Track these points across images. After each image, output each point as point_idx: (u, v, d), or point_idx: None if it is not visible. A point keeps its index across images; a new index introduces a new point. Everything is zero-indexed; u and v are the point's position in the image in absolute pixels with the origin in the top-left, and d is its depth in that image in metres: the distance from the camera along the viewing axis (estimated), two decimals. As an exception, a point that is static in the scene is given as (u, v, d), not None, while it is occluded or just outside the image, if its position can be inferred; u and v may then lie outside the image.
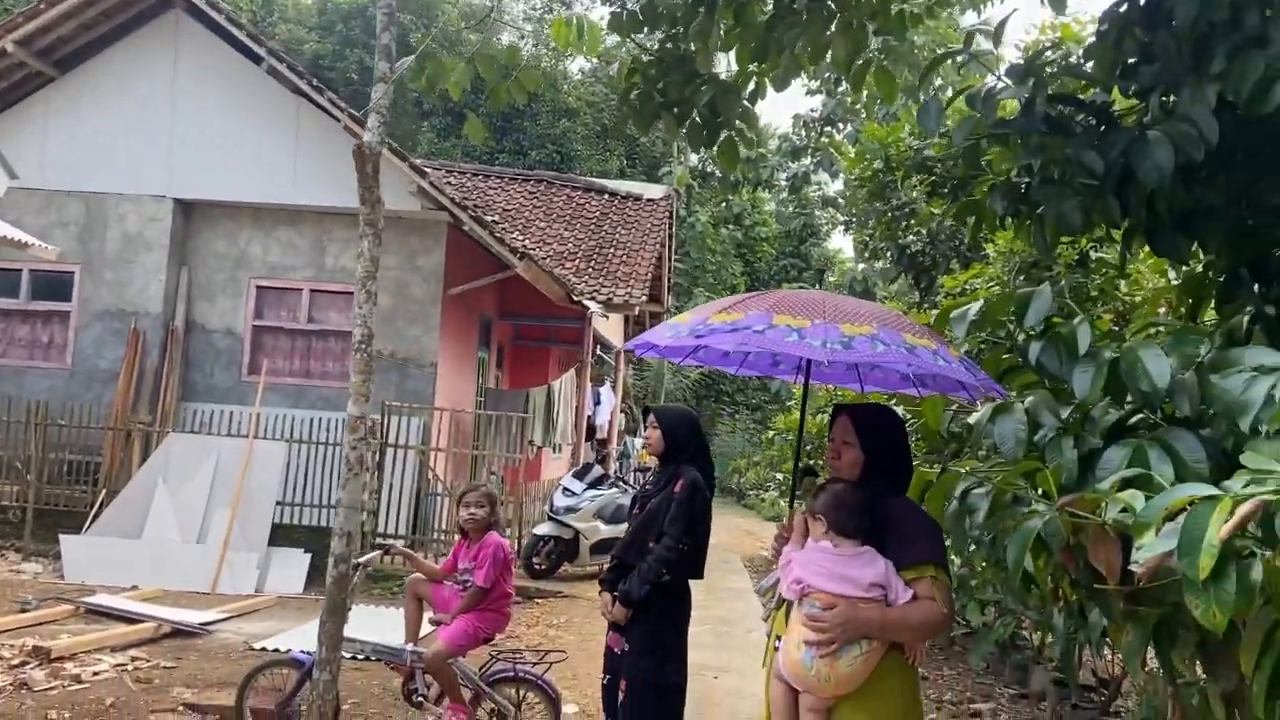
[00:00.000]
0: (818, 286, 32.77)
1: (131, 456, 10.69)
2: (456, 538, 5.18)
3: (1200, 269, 4.39)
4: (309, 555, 9.74)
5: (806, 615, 2.71)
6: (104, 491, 10.43)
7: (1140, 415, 3.05)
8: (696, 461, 4.26)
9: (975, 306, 3.27)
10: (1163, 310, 5.28)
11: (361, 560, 5.09)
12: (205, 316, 11.59)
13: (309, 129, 11.27)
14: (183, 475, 9.90)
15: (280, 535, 10.08)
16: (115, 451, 10.77)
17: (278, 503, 10.22)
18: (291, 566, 9.74)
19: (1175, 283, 5.10)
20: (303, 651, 5.02)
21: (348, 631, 4.89)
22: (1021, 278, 6.63)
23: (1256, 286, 3.87)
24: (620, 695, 4.10)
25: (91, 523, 9.87)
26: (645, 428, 4.45)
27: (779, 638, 2.90)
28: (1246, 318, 3.76)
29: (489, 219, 13.24)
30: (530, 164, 26.77)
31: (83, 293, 11.47)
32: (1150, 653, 2.99)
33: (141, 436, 10.77)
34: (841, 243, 38.49)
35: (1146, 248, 4.20)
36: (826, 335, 2.69)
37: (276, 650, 6.53)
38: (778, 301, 2.90)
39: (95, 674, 6.20)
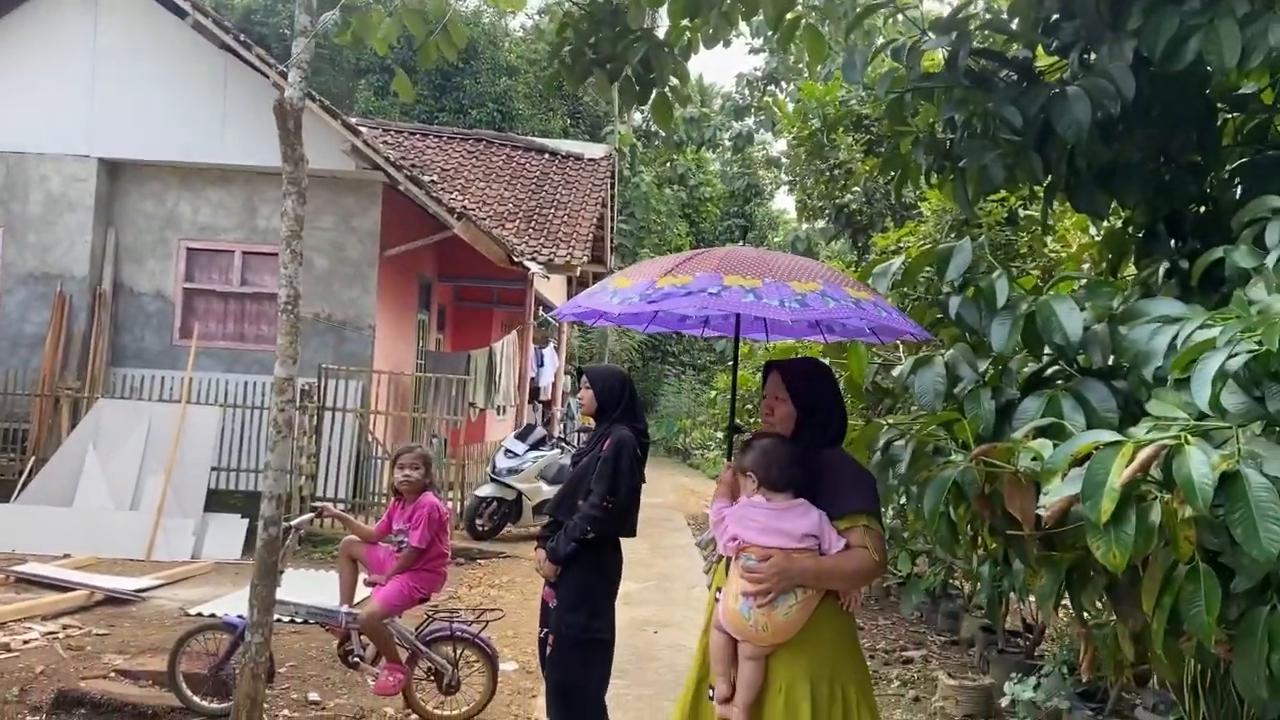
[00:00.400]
0: (763, 246, 32.87)
1: (60, 423, 10.44)
2: (391, 499, 5.16)
3: (1120, 225, 4.49)
4: (246, 520, 9.62)
5: (743, 568, 2.76)
6: (32, 459, 10.18)
7: (1056, 367, 3.13)
8: (628, 420, 4.27)
9: (897, 263, 3.32)
10: (1086, 266, 5.40)
11: (294, 523, 5.06)
12: (134, 279, 11.30)
13: (237, 86, 10.97)
14: (114, 442, 9.69)
15: (217, 501, 9.94)
16: (43, 418, 10.51)
17: (213, 468, 10.07)
18: (228, 532, 9.61)
19: (1098, 239, 5.21)
20: (237, 616, 4.99)
21: (283, 595, 4.86)
22: (953, 235, 6.73)
23: (1173, 241, 3.97)
24: (549, 649, 4.14)
25: (20, 491, 9.64)
26: (577, 394, 4.47)
27: (719, 589, 2.96)
28: (1162, 271, 3.86)
29: (426, 179, 13.07)
30: (471, 123, 26.36)
31: (5, 256, 11.09)
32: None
33: (70, 403, 10.51)
34: (785, 203, 38.61)
35: (1069, 204, 4.28)
36: (781, 294, 2.69)
37: (212, 615, 6.46)
38: (722, 261, 2.88)
39: (25, 642, 6.09)
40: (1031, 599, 5.92)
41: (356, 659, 5.04)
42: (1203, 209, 4.02)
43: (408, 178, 10.79)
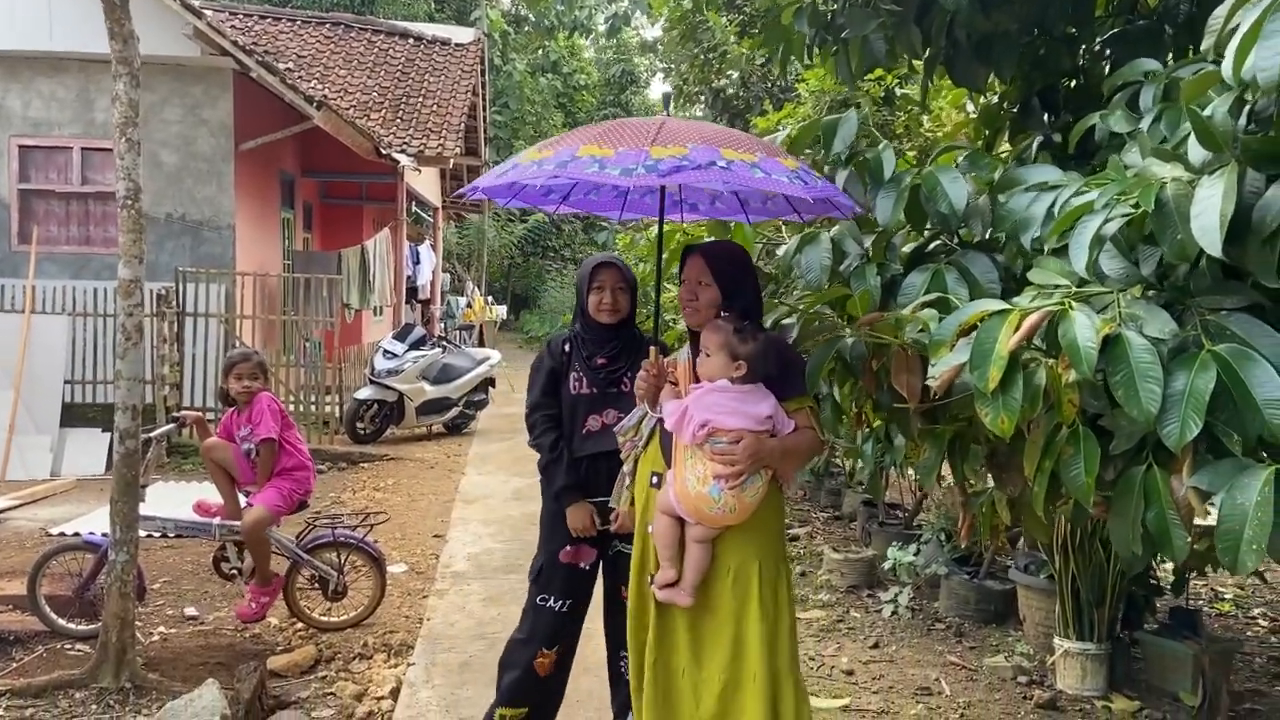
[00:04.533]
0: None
1: (-110, 341, 9.62)
2: (224, 410, 4.92)
3: (995, 101, 4.50)
4: (108, 435, 9.12)
5: (716, 451, 2.70)
6: None
7: (939, 241, 3.12)
8: None
9: (781, 135, 3.22)
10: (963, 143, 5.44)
11: (154, 434, 4.77)
12: (-39, 181, 10.36)
13: (61, -36, 9.96)
14: (-47, 358, 9.01)
15: (75, 415, 9.41)
16: None
17: (67, 381, 9.48)
18: (89, 447, 9.13)
19: (974, 116, 5.22)
20: (100, 534, 4.72)
21: (151, 509, 4.61)
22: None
23: (1046, 116, 3.99)
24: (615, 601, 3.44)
25: None
26: (594, 290, 3.31)
27: (655, 474, 2.89)
28: (1035, 146, 3.88)
29: (281, 66, 12.27)
30: (328, 6, 24.81)
31: None
32: (947, 470, 3.15)
33: (-101, 318, 9.68)
34: (662, 90, 38.01)
35: (947, 82, 4.25)
36: (781, 170, 2.54)
37: (75, 534, 6.13)
38: (693, 132, 2.60)
39: None
40: (911, 473, 6.13)
41: (233, 569, 4.86)
42: (1074, 83, 4.05)
43: (260, 64, 10.07)
